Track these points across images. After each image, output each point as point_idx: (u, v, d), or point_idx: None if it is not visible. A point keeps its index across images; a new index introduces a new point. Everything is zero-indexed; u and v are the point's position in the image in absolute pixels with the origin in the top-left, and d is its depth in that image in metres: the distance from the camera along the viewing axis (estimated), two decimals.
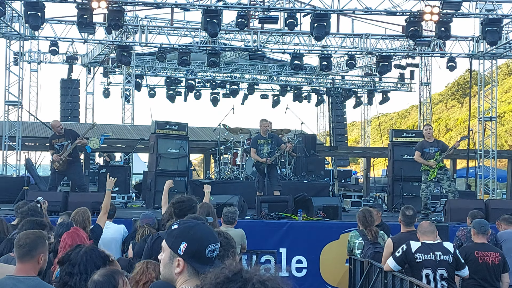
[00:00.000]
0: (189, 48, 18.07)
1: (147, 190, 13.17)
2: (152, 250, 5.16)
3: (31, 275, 3.91)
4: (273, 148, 11.75)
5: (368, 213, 7.71)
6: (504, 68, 55.20)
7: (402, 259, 6.10)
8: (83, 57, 26.08)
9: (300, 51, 18.46)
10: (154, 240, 5.30)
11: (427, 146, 11.67)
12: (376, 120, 32.45)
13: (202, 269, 2.42)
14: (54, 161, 11.70)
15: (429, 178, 11.59)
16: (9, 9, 15.49)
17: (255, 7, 15.74)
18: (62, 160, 11.64)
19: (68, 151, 11.60)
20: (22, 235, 4.04)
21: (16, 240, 4.02)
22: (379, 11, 15.52)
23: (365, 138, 32.57)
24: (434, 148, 11.59)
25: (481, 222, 6.87)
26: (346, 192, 17.42)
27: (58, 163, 11.67)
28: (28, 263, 3.92)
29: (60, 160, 11.64)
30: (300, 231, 10.06)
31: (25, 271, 3.90)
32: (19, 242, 3.97)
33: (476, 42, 17.79)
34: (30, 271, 3.92)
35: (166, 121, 13.44)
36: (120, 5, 14.30)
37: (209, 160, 21.83)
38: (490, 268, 6.51)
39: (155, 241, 5.26)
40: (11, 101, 16.61)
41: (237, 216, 7.24)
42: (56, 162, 11.67)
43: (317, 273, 9.89)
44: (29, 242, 3.96)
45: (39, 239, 4.04)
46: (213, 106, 29.61)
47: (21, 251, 3.93)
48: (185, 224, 2.55)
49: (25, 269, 3.90)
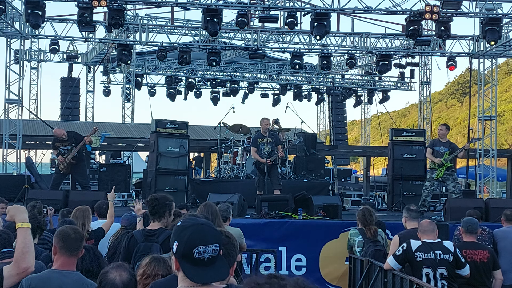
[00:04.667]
0: (189, 47, 18.06)
1: (147, 189, 13.18)
2: (128, 249, 5.14)
3: (73, 269, 3.95)
4: (273, 147, 11.77)
5: (367, 211, 7.75)
6: (504, 67, 55.23)
7: (402, 257, 6.12)
8: (83, 56, 26.11)
9: (300, 50, 18.46)
10: (129, 239, 5.25)
11: (438, 145, 11.73)
12: (376, 119, 32.46)
13: (192, 270, 2.45)
14: (59, 163, 11.88)
15: (436, 176, 11.62)
16: (10, 7, 15.49)
17: (256, 6, 15.74)
18: (67, 162, 11.81)
19: (73, 154, 11.79)
20: (69, 229, 4.05)
21: (64, 233, 3.99)
22: (379, 10, 15.53)
23: (365, 137, 32.60)
24: (445, 148, 11.66)
25: (469, 221, 6.88)
26: (346, 191, 17.45)
27: (63, 165, 11.88)
28: (74, 257, 3.96)
29: (64, 163, 11.84)
30: (300, 230, 10.08)
31: (68, 265, 3.93)
32: (71, 235, 3.96)
33: (476, 41, 17.80)
34: (72, 265, 3.97)
35: (166, 120, 13.44)
36: (120, 4, 14.30)
37: (209, 158, 21.86)
38: (478, 267, 6.51)
39: (130, 239, 5.22)
40: (11, 99, 16.62)
41: (231, 213, 7.16)
42: (61, 164, 11.87)
43: (317, 271, 9.89)
44: (80, 238, 4.02)
45: (83, 235, 4.13)
46: (213, 105, 29.65)
47: (73, 245, 3.93)
48: (182, 223, 2.58)
49: (68, 263, 3.93)
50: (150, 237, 5.07)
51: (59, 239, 3.97)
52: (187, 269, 2.48)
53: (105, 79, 27.77)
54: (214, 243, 2.50)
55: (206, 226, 2.55)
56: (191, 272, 2.46)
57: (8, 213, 3.42)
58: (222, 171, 14.61)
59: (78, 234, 4.02)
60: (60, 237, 3.97)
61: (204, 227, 2.54)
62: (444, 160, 11.53)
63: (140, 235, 5.18)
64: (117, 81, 27.78)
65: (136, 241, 5.13)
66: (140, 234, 5.22)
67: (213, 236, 2.52)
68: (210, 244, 2.48)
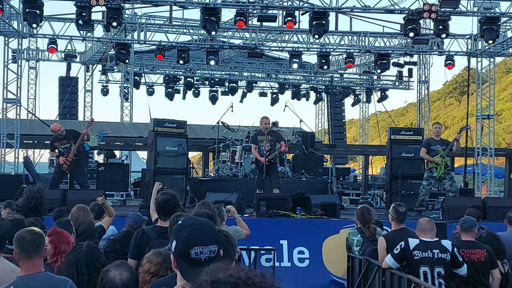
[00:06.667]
0: (188, 46, 18.05)
1: (146, 188, 13.18)
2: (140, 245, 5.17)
3: (40, 271, 3.87)
4: (272, 146, 11.78)
5: (366, 210, 7.75)
6: (501, 66, 55.27)
7: (400, 256, 6.13)
8: (81, 55, 26.07)
9: (299, 49, 18.47)
10: (140, 235, 5.29)
11: (433, 144, 11.72)
12: (374, 117, 32.47)
13: (188, 269, 2.45)
14: (61, 164, 11.71)
15: (437, 175, 11.62)
16: (8, 6, 15.47)
17: (254, 5, 15.75)
18: (70, 161, 11.69)
19: (73, 151, 11.63)
20: (24, 232, 3.96)
21: (19, 238, 3.92)
22: (377, 9, 15.54)
23: (363, 136, 32.62)
24: (441, 146, 11.65)
25: (466, 220, 6.87)
26: (344, 190, 17.45)
27: (66, 165, 11.71)
28: (36, 258, 3.87)
29: (68, 162, 11.68)
30: (300, 227, 10.09)
31: (34, 268, 3.85)
32: (26, 238, 3.88)
33: (474, 40, 17.82)
34: (39, 267, 3.89)
35: (164, 119, 13.44)
36: (118, 3, 14.29)
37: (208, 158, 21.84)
38: (476, 266, 6.50)
39: (141, 236, 5.26)
40: (9, 98, 16.61)
41: (225, 212, 7.15)
42: (65, 165, 11.70)
43: (321, 263, 9.78)
44: (36, 238, 3.92)
45: (42, 234, 4.03)
46: (211, 104, 29.65)
47: (30, 246, 3.85)
48: (182, 222, 2.57)
49: (33, 266, 3.85)
50: (164, 234, 5.11)
51: (16, 245, 3.90)
52: (183, 268, 2.47)
53: (103, 78, 27.74)
54: (212, 244, 2.48)
55: (205, 226, 2.54)
56: (187, 272, 2.45)
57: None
58: (221, 170, 14.62)
59: (34, 235, 3.91)
60: (16, 243, 3.90)
61: (202, 227, 2.52)
62: (441, 156, 11.54)
63: (153, 232, 5.23)
64: (115, 80, 27.76)
65: (149, 238, 5.17)
66: (153, 231, 5.27)
67: (211, 237, 2.51)
68: (207, 245, 2.47)
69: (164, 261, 3.64)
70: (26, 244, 3.85)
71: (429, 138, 12.07)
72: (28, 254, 3.84)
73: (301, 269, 9.66)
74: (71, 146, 11.65)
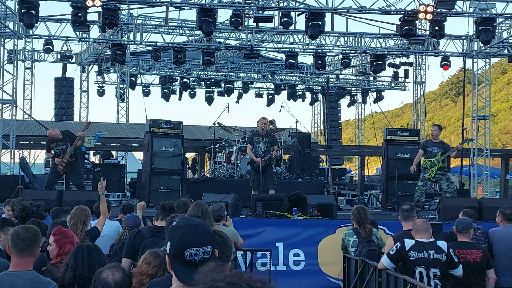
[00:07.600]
0: (184, 47, 18.05)
1: (142, 189, 13.17)
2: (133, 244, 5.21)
3: (28, 269, 3.90)
4: (268, 147, 11.79)
5: (362, 210, 7.74)
6: (497, 67, 55.45)
7: (396, 257, 6.13)
8: (77, 56, 26.04)
9: (295, 50, 18.48)
10: (134, 234, 5.33)
11: (430, 146, 11.72)
12: (370, 118, 32.52)
13: (182, 270, 2.44)
14: (57, 165, 11.72)
15: (428, 176, 11.63)
16: (3, 7, 15.44)
17: (250, 6, 15.75)
18: (65, 162, 11.70)
19: (69, 153, 11.64)
20: (20, 229, 4.01)
21: (14, 234, 3.96)
22: (373, 10, 15.56)
23: (359, 137, 32.66)
24: (438, 148, 11.63)
25: (461, 221, 6.87)
26: (340, 190, 17.46)
27: (62, 166, 11.72)
28: (26, 257, 3.91)
29: (63, 163, 11.69)
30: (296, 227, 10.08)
31: (22, 266, 3.88)
32: (20, 235, 3.92)
33: (470, 41, 17.85)
34: (28, 265, 3.92)
35: (160, 120, 13.43)
36: (114, 4, 14.28)
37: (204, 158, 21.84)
38: (471, 266, 6.50)
39: (135, 235, 5.30)
40: (5, 99, 16.55)
41: (225, 212, 7.11)
42: (60, 166, 11.71)
43: (316, 265, 9.77)
44: (30, 236, 3.95)
45: (38, 233, 4.05)
46: (207, 104, 29.66)
47: (21, 244, 3.89)
48: (176, 223, 2.56)
49: (22, 264, 3.89)
50: (157, 233, 5.16)
51: (10, 240, 3.97)
52: (177, 269, 2.47)
53: (99, 79, 27.73)
54: (206, 245, 2.47)
55: (199, 227, 2.52)
56: (181, 273, 2.45)
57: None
58: (217, 171, 14.61)
59: (28, 233, 3.95)
60: (11, 238, 3.96)
61: (197, 228, 2.51)
62: (436, 160, 11.55)
63: (147, 231, 5.31)
64: (111, 81, 27.74)
65: (143, 237, 5.22)
66: (147, 230, 5.36)
67: (205, 238, 2.50)
68: (202, 246, 2.46)
69: (162, 263, 3.64)
70: (19, 241, 3.90)
71: (427, 140, 12.09)
72: (19, 251, 3.89)
73: (296, 271, 9.64)
74: (67, 147, 11.67)
